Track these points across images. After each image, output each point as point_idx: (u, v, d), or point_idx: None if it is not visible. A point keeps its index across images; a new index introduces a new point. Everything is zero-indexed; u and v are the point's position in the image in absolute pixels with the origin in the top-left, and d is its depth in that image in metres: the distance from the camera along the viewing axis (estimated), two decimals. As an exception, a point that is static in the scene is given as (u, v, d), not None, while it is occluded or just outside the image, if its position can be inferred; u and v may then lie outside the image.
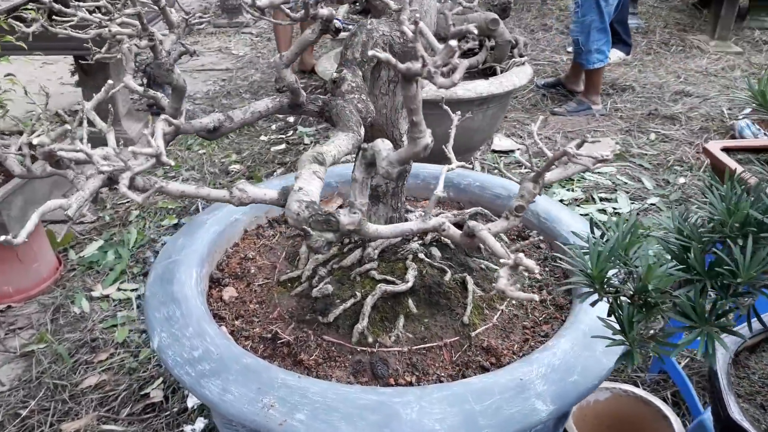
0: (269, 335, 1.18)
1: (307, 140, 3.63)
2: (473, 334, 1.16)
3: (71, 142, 0.52)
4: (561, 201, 2.86)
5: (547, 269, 1.39)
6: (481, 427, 0.95)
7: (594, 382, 1.04)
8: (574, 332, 1.11)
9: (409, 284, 1.19)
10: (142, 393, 1.95)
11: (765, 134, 3.04)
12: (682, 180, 3.03)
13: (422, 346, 1.14)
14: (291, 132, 3.75)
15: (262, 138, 3.69)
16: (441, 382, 1.08)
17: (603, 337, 0.76)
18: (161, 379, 1.99)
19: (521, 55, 2.43)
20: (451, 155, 0.79)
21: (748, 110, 3.40)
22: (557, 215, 1.47)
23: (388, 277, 1.22)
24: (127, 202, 3.04)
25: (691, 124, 3.61)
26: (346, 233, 0.59)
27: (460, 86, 2.15)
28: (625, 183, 3.01)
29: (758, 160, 1.55)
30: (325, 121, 0.97)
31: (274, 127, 3.84)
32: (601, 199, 2.88)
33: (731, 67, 4.54)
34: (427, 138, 0.52)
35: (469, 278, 1.22)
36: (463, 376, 1.09)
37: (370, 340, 1.14)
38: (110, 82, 0.62)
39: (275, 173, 3.25)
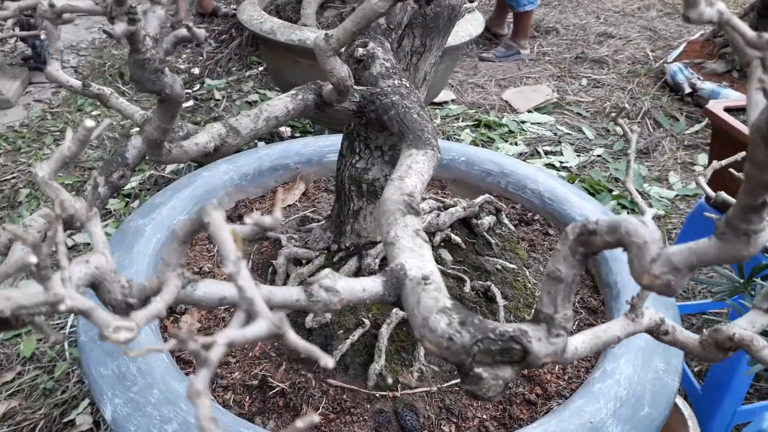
0: (255, 382, 0.92)
1: (218, 95, 3.24)
2: (508, 358, 0.96)
3: (45, 289, 0.25)
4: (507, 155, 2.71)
5: (562, 261, 1.21)
6: (557, 494, 0.76)
7: (665, 411, 0.88)
8: (631, 350, 0.93)
9: (429, 304, 0.96)
10: (66, 420, 1.63)
11: (699, 78, 3.01)
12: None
13: (454, 381, 0.93)
14: (198, 86, 3.34)
15: (166, 94, 3.25)
16: (486, 429, 0.88)
17: None
18: (87, 400, 1.67)
19: (471, 0, 2.19)
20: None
21: (676, 53, 3.36)
22: (565, 196, 1.28)
23: (400, 296, 0.98)
24: (13, 177, 2.58)
25: (619, 68, 3.54)
26: (539, 366, 0.36)
27: (414, 38, 1.89)
28: (568, 134, 2.90)
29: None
30: (363, 125, 0.70)
31: (178, 81, 3.40)
32: (546, 153, 2.75)
33: (646, 6, 4.51)
34: None
35: (494, 288, 1.01)
36: (510, 417, 0.90)
37: (390, 381, 0.91)
38: (88, 123, 0.34)
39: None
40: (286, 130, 2.80)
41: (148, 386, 0.84)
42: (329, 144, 1.42)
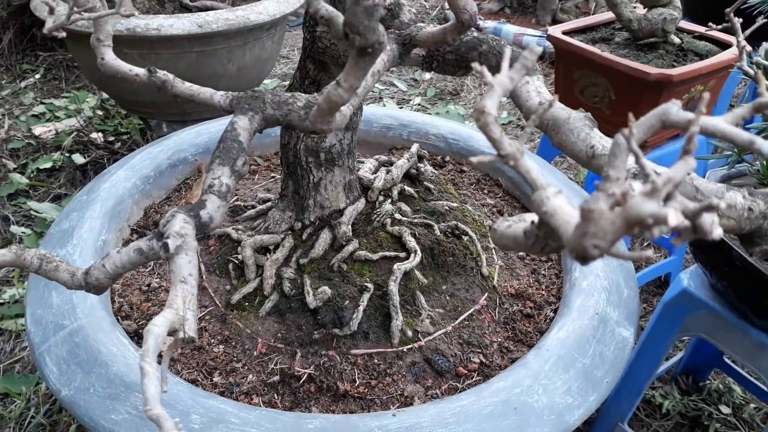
0: (276, 377, 0.88)
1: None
2: (495, 284, 1.03)
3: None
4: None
5: (485, 191, 1.30)
6: (599, 380, 0.86)
7: (636, 290, 1.02)
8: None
9: (419, 254, 0.98)
10: None
11: (480, 18, 3.31)
12: (428, 76, 3.15)
13: (462, 318, 0.97)
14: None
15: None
16: (508, 349, 0.94)
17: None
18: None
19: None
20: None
21: None
22: (467, 133, 1.37)
23: (387, 253, 0.99)
24: None
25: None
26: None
27: (250, 9, 1.81)
28: (384, 89, 3.02)
29: (594, 40, 1.65)
30: (432, 69, 0.68)
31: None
32: (372, 110, 2.84)
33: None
34: None
35: (462, 226, 1.06)
36: (519, 332, 0.97)
37: (410, 334, 0.92)
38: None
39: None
40: (98, 135, 2.53)
41: (185, 414, 0.76)
42: (222, 129, 1.33)
